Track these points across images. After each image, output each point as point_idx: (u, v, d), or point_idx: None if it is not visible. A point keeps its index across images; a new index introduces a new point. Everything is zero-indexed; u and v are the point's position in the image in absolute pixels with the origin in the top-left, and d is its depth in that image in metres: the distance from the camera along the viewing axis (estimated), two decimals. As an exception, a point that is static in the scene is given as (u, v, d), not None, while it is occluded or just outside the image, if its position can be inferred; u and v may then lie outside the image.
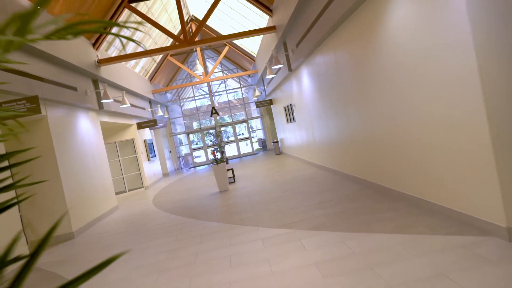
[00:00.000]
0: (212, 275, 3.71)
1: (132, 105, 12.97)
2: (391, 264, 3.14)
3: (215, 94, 22.67)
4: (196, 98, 22.70)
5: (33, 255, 0.58)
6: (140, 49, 12.92)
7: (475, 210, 3.48)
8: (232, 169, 10.60)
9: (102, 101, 9.45)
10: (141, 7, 11.39)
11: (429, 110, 3.88)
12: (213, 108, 17.72)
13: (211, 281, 3.55)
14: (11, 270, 1.95)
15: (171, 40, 15.92)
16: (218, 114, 18.22)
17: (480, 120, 3.13)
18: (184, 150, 22.65)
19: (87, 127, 9.06)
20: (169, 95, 20.83)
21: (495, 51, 3.05)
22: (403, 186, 4.94)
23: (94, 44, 9.70)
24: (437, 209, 4.14)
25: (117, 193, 13.06)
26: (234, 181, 10.59)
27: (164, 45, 15.95)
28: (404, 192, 4.92)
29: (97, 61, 9.67)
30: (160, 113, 16.01)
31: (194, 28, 16.86)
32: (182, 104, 21.91)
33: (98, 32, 0.68)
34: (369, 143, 5.88)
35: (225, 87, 23.15)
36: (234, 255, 4.18)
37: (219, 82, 23.15)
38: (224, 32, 16.32)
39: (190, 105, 23.98)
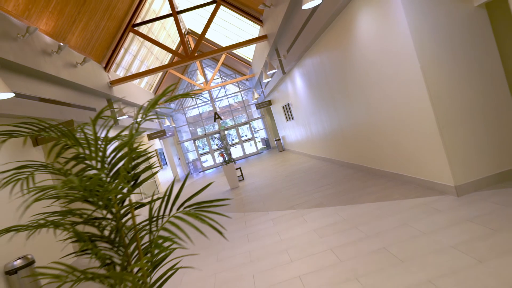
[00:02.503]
0: (235, 248, 4.71)
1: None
2: (370, 223, 4.12)
3: (216, 100, 23.67)
4: (198, 105, 23.74)
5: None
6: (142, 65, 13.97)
7: (434, 176, 4.46)
8: (240, 168, 11.61)
9: (118, 118, 10.49)
10: (142, 28, 12.42)
11: (393, 101, 4.86)
12: (216, 113, 18.73)
13: (234, 252, 4.55)
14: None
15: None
16: (221, 119, 19.25)
17: (426, 105, 4.11)
18: (192, 156, 23.70)
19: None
20: (172, 105, 21.89)
21: (432, 53, 4.02)
22: (383, 165, 5.91)
23: (105, 67, 10.75)
24: (408, 179, 5.12)
25: (136, 201, 14.10)
26: (243, 179, 11.59)
27: (164, 59, 17.01)
28: (385, 170, 5.90)
29: (110, 83, 10.71)
30: (167, 123, 17.06)
31: (191, 41, 17.88)
32: (185, 112, 22.95)
33: (184, 97, 1.68)
34: (354, 132, 6.86)
35: (225, 92, 24.16)
36: (250, 233, 5.18)
37: (219, 88, 24.14)
38: (219, 41, 17.32)
39: (193, 112, 25.02)
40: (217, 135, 21.79)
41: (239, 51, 17.79)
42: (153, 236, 1.63)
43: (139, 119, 1.70)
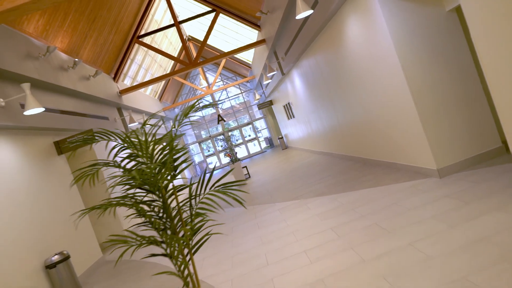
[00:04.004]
0: (247, 235, 5.31)
1: (151, 125, 14.63)
2: (364, 205, 4.71)
3: (219, 102, 24.27)
4: (202, 109, 24.33)
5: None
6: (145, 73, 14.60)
7: (419, 162, 5.04)
8: (246, 167, 12.21)
9: (129, 125, 11.13)
10: (146, 38, 13.05)
11: (382, 98, 5.44)
12: (219, 115, 19.35)
13: (247, 238, 5.15)
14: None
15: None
16: (224, 121, 19.84)
17: (409, 101, 4.69)
18: (197, 158, 24.33)
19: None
20: (177, 110, 22.53)
21: (411, 54, 4.60)
22: (377, 155, 6.49)
23: (114, 78, 11.39)
24: (399, 167, 5.70)
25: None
26: (249, 176, 12.20)
27: (167, 66, 17.65)
28: (379, 160, 6.48)
29: (119, 92, 11.35)
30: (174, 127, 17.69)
31: (192, 47, 18.50)
32: (189, 116, 23.56)
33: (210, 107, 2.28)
34: (351, 127, 7.44)
35: (227, 94, 24.78)
36: (259, 222, 5.78)
37: (221, 90, 24.76)
38: (219, 46, 17.94)
39: (196, 116, 25.64)
40: (221, 137, 22.42)
41: (239, 55, 18.40)
42: (193, 209, 2.23)
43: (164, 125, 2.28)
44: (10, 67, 5.75)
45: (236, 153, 11.78)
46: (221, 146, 23.63)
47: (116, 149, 2.48)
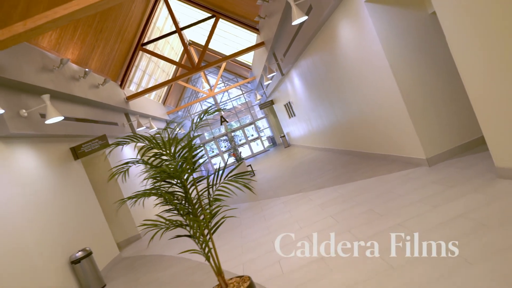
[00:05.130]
0: (254, 227, 5.76)
1: (158, 128, 15.14)
2: (361, 194, 5.15)
3: (221, 104, 24.75)
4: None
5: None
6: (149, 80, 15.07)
7: (411, 153, 5.47)
8: (250, 165, 12.66)
9: (136, 130, 11.60)
10: (149, 45, 13.52)
11: (374, 96, 5.87)
12: (222, 117, 19.82)
13: (254, 229, 5.60)
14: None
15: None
16: (227, 122, 20.33)
17: (398, 97, 5.12)
18: (201, 159, 24.85)
19: (130, 154, 11.21)
20: (180, 113, 23.03)
21: (398, 54, 5.04)
22: (374, 148, 6.93)
23: (121, 85, 11.87)
24: (393, 158, 6.13)
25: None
26: (254, 174, 12.65)
27: (170, 70, 18.14)
28: (375, 153, 6.91)
29: (126, 98, 11.83)
30: (182, 130, 18.19)
31: (193, 51, 18.98)
32: (192, 118, 24.09)
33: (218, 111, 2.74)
34: (348, 123, 7.87)
35: (228, 95, 25.24)
36: (266, 215, 6.23)
37: (223, 92, 25.23)
38: (219, 49, 18.38)
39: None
40: (224, 137, 22.89)
41: (239, 57, 18.84)
42: (211, 196, 2.69)
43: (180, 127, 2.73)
44: (29, 80, 6.23)
45: (240, 152, 12.24)
46: (225, 146, 24.15)
47: (132, 150, 2.92)
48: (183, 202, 2.72)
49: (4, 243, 4.62)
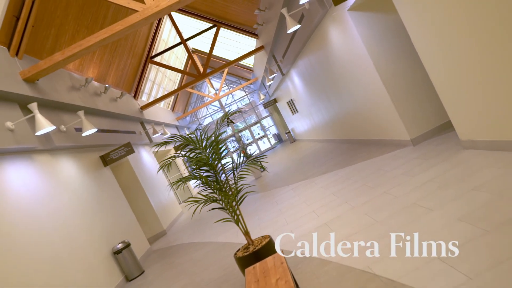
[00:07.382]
0: (268, 210, 6.67)
1: (172, 134, 16.12)
2: (357, 174, 6.03)
3: (226, 106, 25.69)
4: (211, 114, 25.83)
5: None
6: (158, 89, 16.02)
7: (397, 135, 6.34)
8: (260, 161, 13.55)
9: (152, 136, 12.57)
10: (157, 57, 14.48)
11: (363, 89, 6.75)
12: (228, 118, 20.75)
13: (269, 213, 6.51)
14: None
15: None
16: (234, 123, 21.24)
17: (381, 88, 5.99)
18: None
19: (148, 159, 12.19)
20: (188, 118, 24.02)
21: (379, 52, 5.91)
22: (369, 135, 7.80)
23: (134, 96, 12.86)
24: (385, 142, 7.00)
25: (174, 206, 16.22)
26: (263, 170, 13.53)
27: (176, 78, 19.12)
28: (370, 139, 7.78)
29: (140, 108, 12.81)
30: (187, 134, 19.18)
31: (197, 58, 19.94)
32: (200, 122, 25.07)
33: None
34: (345, 115, 8.74)
35: (233, 97, 26.19)
36: (277, 200, 7.14)
37: (227, 95, 26.16)
38: (221, 54, 19.32)
39: (206, 121, 27.13)
40: (232, 138, 23.83)
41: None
42: (236, 176, 3.59)
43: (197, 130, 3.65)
44: (63, 99, 7.20)
45: (249, 150, 13.13)
46: (233, 147, 25.08)
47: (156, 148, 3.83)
48: (215, 182, 3.64)
49: (63, 240, 5.59)
